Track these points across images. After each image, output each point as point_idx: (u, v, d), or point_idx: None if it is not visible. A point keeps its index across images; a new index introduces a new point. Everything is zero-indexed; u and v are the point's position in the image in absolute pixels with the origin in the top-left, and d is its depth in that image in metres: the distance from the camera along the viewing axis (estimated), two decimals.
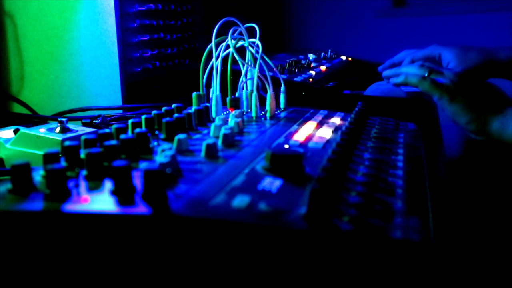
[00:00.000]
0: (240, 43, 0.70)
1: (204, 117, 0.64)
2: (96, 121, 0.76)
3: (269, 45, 0.82)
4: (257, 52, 0.69)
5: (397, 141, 0.58)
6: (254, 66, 0.70)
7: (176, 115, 0.57)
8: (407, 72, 0.76)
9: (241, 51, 0.70)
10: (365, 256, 0.33)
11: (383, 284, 0.32)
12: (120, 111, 0.87)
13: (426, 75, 0.72)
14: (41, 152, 0.41)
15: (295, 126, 0.63)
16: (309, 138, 0.56)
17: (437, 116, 0.83)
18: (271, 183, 0.40)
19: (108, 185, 0.39)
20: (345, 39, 1.73)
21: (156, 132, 0.55)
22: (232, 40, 0.68)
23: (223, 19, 0.67)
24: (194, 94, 0.70)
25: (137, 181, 0.39)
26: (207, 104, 0.67)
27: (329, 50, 1.37)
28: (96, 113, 0.82)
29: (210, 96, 0.70)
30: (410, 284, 0.32)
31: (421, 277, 0.33)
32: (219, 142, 0.52)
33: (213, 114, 0.68)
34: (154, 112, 0.57)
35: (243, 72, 0.72)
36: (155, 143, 0.51)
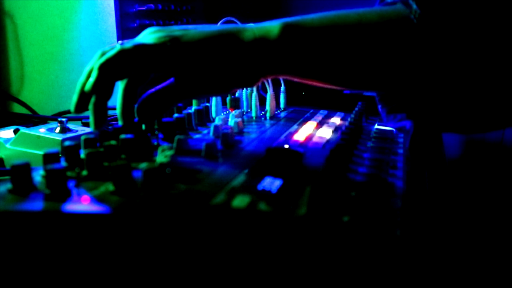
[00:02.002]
0: None
1: (204, 117, 0.64)
2: None
3: None
4: None
5: (397, 141, 0.58)
6: None
7: (176, 115, 0.57)
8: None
9: None
10: (366, 255, 0.33)
11: (384, 283, 0.32)
12: None
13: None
14: (41, 152, 0.41)
15: (295, 126, 0.63)
16: (309, 138, 0.56)
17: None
18: (271, 183, 0.40)
19: (108, 185, 0.39)
20: None
21: (156, 132, 0.55)
22: None
23: (223, 19, 0.67)
24: None
25: (137, 181, 0.39)
26: (207, 104, 0.67)
27: None
28: None
29: None
30: (411, 281, 0.32)
31: (421, 274, 0.33)
32: (219, 142, 0.52)
33: (213, 114, 0.68)
34: None
35: None
36: (155, 143, 0.51)
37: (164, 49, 0.46)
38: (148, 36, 0.48)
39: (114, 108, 0.90)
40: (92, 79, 0.46)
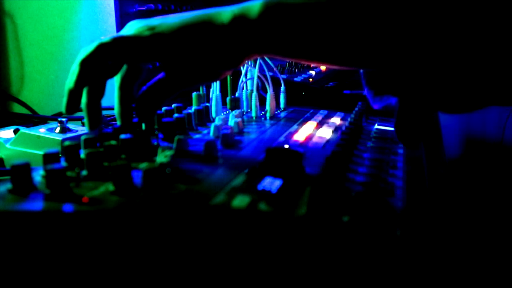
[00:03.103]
0: None
1: (204, 117, 0.64)
2: None
3: None
4: None
5: (397, 141, 0.58)
6: (254, 66, 0.70)
7: (176, 115, 0.57)
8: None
9: None
10: (366, 255, 0.33)
11: (384, 283, 0.32)
12: None
13: None
14: (41, 152, 0.41)
15: (295, 126, 0.63)
16: (309, 138, 0.56)
17: (437, 116, 0.83)
18: (271, 183, 0.40)
19: (108, 185, 0.39)
20: None
21: (156, 132, 0.55)
22: None
23: None
24: (194, 94, 0.70)
25: (137, 181, 0.39)
26: (207, 104, 0.67)
27: None
28: None
29: (210, 96, 0.70)
30: (412, 281, 0.32)
31: (421, 274, 0.33)
32: (219, 142, 0.52)
33: (213, 114, 0.68)
34: None
35: (243, 72, 0.73)
36: (155, 143, 0.51)
37: (141, 39, 0.47)
38: (129, 28, 0.49)
39: (113, 108, 0.90)
40: (74, 76, 0.46)
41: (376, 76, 0.57)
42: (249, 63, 0.72)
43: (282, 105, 0.76)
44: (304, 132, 0.59)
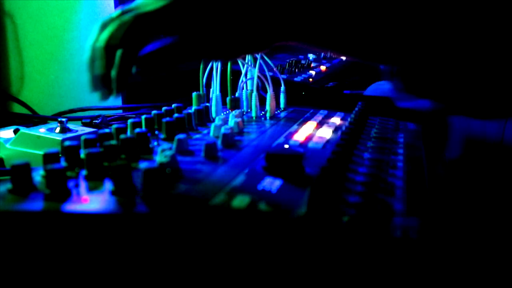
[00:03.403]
0: None
1: (204, 117, 0.64)
2: (96, 121, 0.77)
3: None
4: None
5: (397, 141, 0.58)
6: (254, 66, 0.70)
7: (176, 115, 0.57)
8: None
9: None
10: (365, 255, 0.33)
11: (384, 283, 0.32)
12: (120, 111, 0.87)
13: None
14: (41, 152, 0.41)
15: (295, 126, 0.63)
16: (309, 138, 0.56)
17: (437, 116, 0.82)
18: (271, 183, 0.40)
19: (108, 185, 0.39)
20: None
21: (156, 132, 0.55)
22: None
23: None
24: (194, 94, 0.70)
25: (137, 181, 0.39)
26: (207, 104, 0.67)
27: None
28: (96, 113, 0.83)
29: (210, 96, 0.70)
30: (408, 282, 0.32)
31: (419, 275, 0.33)
32: (219, 142, 0.52)
33: (213, 114, 0.68)
34: (154, 112, 0.57)
35: (243, 72, 0.72)
36: (155, 143, 0.51)
37: (166, 14, 0.44)
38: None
39: (112, 108, 0.90)
40: (101, 61, 0.45)
41: (411, 75, 0.54)
42: (249, 63, 0.72)
43: (282, 105, 0.76)
44: (304, 132, 0.59)
